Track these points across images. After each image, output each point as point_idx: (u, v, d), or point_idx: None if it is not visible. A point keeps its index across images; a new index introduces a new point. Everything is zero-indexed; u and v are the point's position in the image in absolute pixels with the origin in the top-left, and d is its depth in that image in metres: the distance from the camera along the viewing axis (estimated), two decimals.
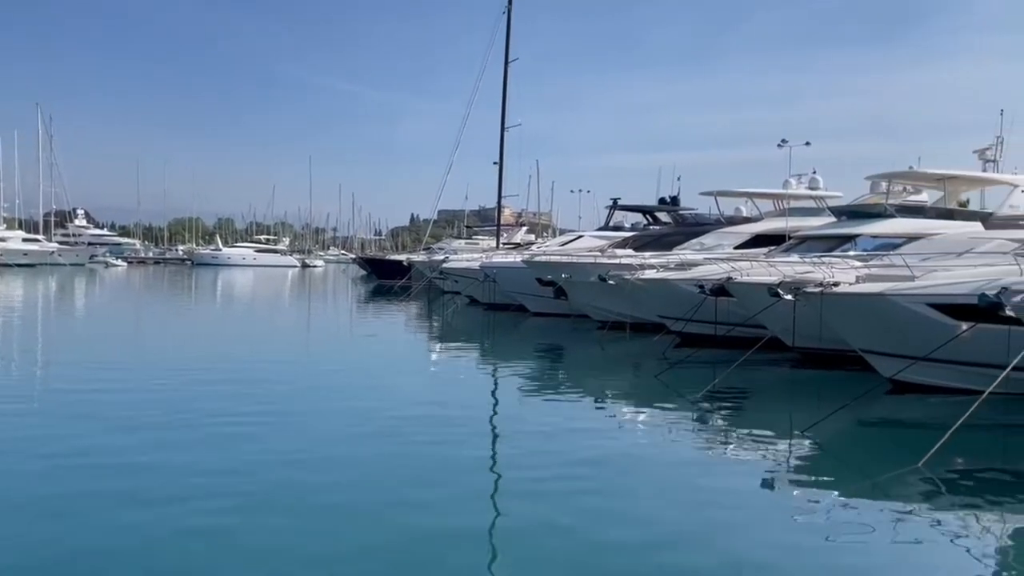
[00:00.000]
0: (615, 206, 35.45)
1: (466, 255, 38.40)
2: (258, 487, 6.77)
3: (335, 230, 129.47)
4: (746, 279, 14.60)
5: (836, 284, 11.83)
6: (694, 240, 25.17)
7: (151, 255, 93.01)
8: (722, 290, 14.82)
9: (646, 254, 22.55)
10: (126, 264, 77.76)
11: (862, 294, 11.75)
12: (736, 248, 22.92)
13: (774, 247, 20.96)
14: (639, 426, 10.17)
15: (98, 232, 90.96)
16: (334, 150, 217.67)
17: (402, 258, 49.61)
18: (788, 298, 12.11)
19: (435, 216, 52.97)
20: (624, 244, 27.48)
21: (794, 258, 16.18)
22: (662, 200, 36.76)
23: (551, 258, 25.04)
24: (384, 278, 49.85)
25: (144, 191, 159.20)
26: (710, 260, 18.40)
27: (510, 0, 39.88)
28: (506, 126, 40.84)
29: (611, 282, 18.91)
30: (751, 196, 29.41)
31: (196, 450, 7.95)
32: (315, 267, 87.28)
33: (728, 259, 17.40)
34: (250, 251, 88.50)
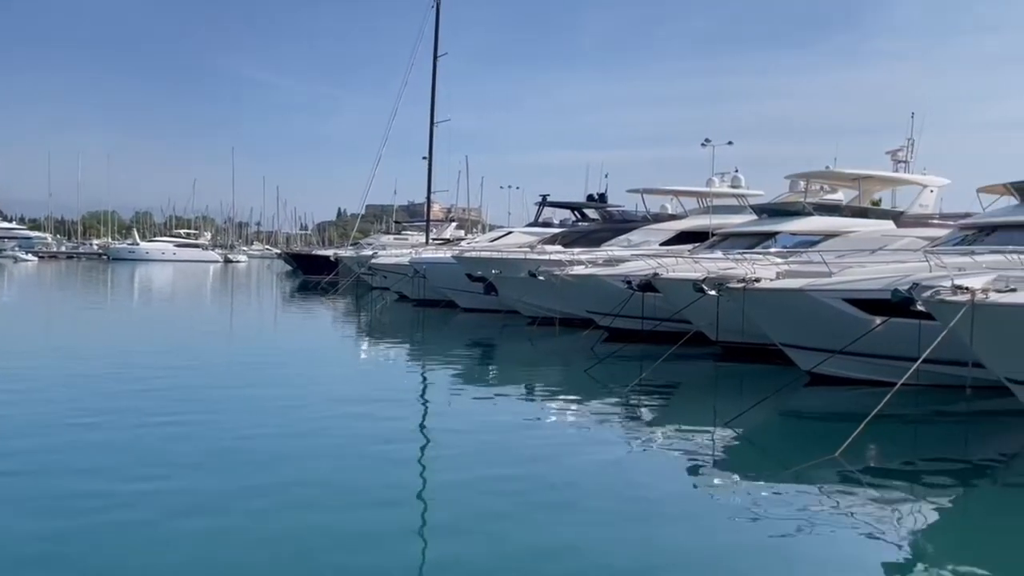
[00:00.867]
0: (544, 203, 35.70)
1: (395, 251, 38.02)
2: (177, 491, 6.56)
3: (259, 224, 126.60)
4: (671, 275, 14.88)
5: (757, 280, 12.16)
6: (621, 237, 25.55)
7: (64, 250, 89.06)
8: (648, 286, 15.07)
9: (575, 250, 22.76)
10: (37, 259, 74.26)
11: (782, 290, 12.12)
12: (662, 244, 23.35)
13: (698, 244, 21.46)
14: (568, 420, 10.25)
15: (6, 226, 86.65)
16: (258, 143, 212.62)
17: (329, 253, 48.82)
18: (712, 294, 12.39)
19: (363, 211, 52.12)
20: (553, 240, 27.69)
21: (717, 255, 16.57)
22: (590, 197, 37.22)
23: (481, 254, 25.02)
24: (310, 274, 48.96)
25: (56, 183, 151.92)
26: (637, 256, 18.68)
27: None
28: (435, 121, 40.68)
29: (541, 278, 19.01)
30: (676, 194, 30.03)
31: (108, 454, 7.64)
32: (238, 262, 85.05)
33: (654, 255, 17.71)
34: (170, 246, 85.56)
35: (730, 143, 28.14)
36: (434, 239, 43.67)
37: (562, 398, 11.80)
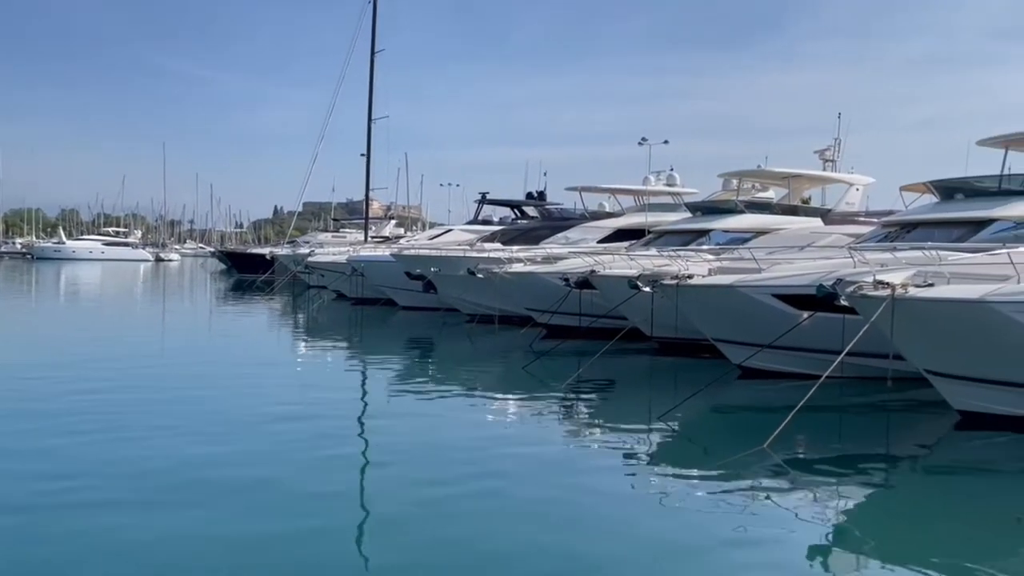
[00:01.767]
0: (484, 200, 35.73)
1: (333, 249, 37.53)
2: (112, 497, 6.38)
3: (192, 222, 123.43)
4: (608, 272, 15.08)
5: (690, 276, 12.42)
6: (560, 234, 25.74)
7: None
8: (586, 283, 15.25)
9: (514, 248, 22.84)
10: None
11: (713, 286, 12.41)
12: (599, 242, 23.61)
13: (635, 241, 21.79)
14: (506, 417, 10.32)
15: None
16: (192, 139, 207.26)
17: (264, 251, 47.93)
18: (646, 290, 12.62)
19: (300, 208, 51.41)
20: (493, 238, 27.75)
21: (653, 252, 16.85)
22: (529, 195, 37.41)
23: (420, 252, 24.93)
24: (245, 272, 47.98)
25: None
26: (575, 254, 18.86)
27: None
28: (373, 118, 40.25)
29: (480, 276, 19.05)
30: (613, 192, 30.39)
31: (28, 461, 7.39)
32: (170, 261, 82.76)
33: (592, 253, 17.90)
34: (98, 244, 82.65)
35: (666, 142, 28.63)
36: (373, 237, 43.25)
37: (500, 395, 11.86)
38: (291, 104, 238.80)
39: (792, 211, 21.37)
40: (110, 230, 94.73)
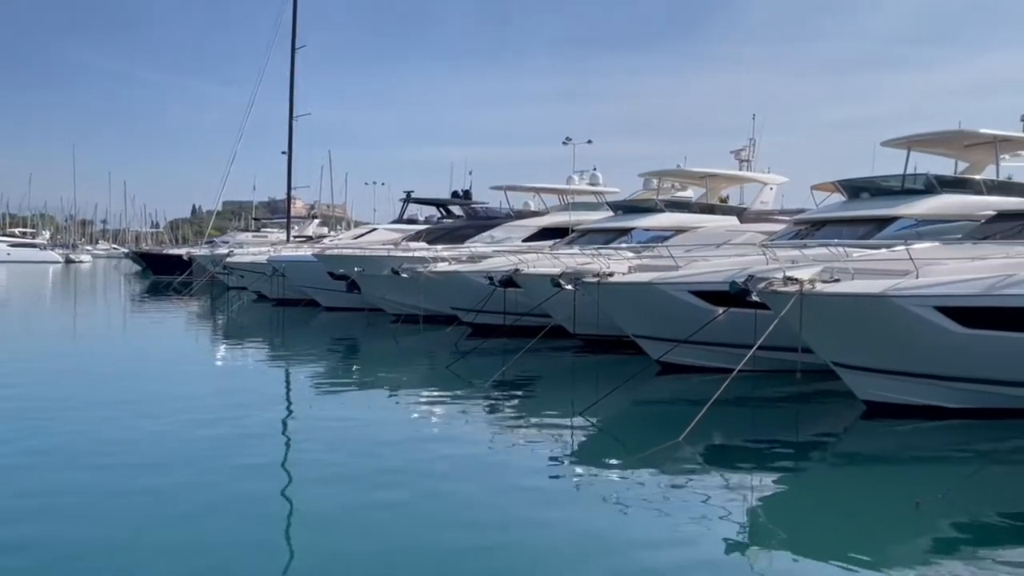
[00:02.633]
0: (409, 199, 35.51)
1: (253, 249, 36.70)
2: (18, 508, 6.12)
3: (104, 222, 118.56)
4: (532, 271, 15.22)
5: (611, 274, 12.64)
6: (485, 233, 25.80)
7: None
8: (510, 281, 15.36)
9: (439, 247, 22.79)
10: None
11: (633, 283, 12.67)
12: (524, 241, 23.77)
13: (558, 240, 22.02)
14: (432, 417, 10.32)
15: None
16: (103, 135, 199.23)
17: (182, 252, 46.55)
18: (569, 288, 12.80)
19: (219, 207, 50.05)
20: (418, 237, 27.60)
21: (575, 250, 17.08)
22: (455, 194, 37.37)
23: (343, 251, 24.63)
24: (161, 273, 46.47)
25: None
26: (499, 252, 18.95)
27: None
28: (295, 115, 39.52)
29: (404, 275, 18.95)
30: (538, 191, 30.64)
31: None
32: (81, 262, 79.41)
33: (516, 251, 18.03)
34: (3, 245, 78.68)
35: (589, 142, 29.07)
36: (295, 236, 42.46)
37: (425, 395, 11.84)
38: (210, 100, 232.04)
39: (710, 210, 21.97)
40: (16, 231, 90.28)
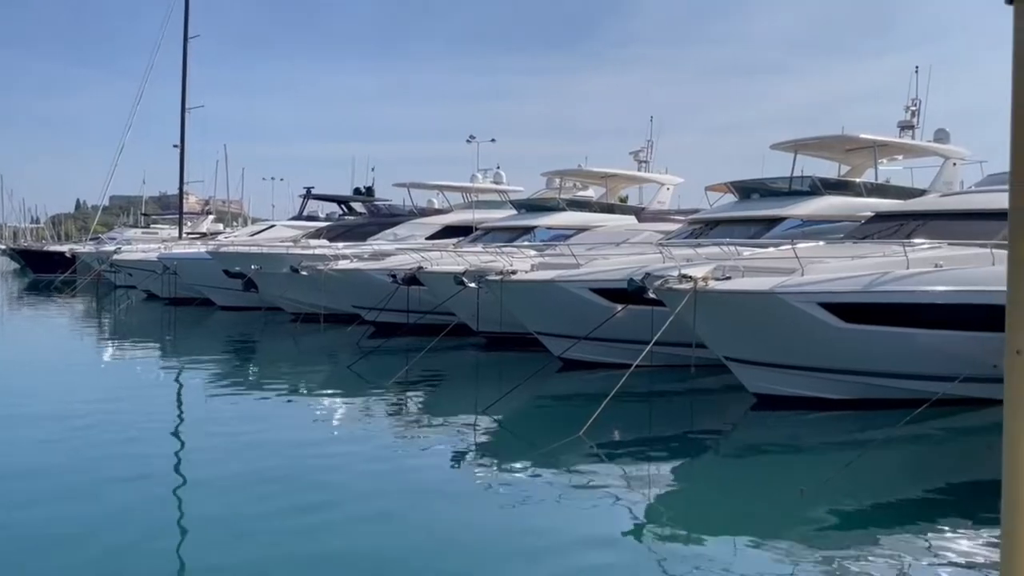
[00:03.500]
0: (309, 195, 34.76)
1: (143, 246, 35.11)
2: None
3: None
4: (435, 268, 15.17)
5: (514, 272, 12.75)
6: (388, 231, 25.53)
7: None
8: (413, 279, 15.26)
9: (340, 244, 22.42)
10: None
11: (536, 281, 12.82)
12: (427, 239, 23.65)
13: (462, 238, 22.02)
14: (333, 417, 10.15)
15: None
16: None
17: (64, 249, 44.02)
18: (472, 286, 12.82)
19: (106, 202, 47.80)
20: (318, 234, 27.05)
21: (479, 248, 17.12)
22: (357, 190, 36.82)
23: (240, 248, 23.88)
24: (42, 272, 43.82)
25: None
26: (402, 250, 18.81)
27: None
28: (187, 107, 38.01)
29: (304, 273, 18.53)
30: (441, 189, 30.54)
31: None
32: None
33: (419, 249, 17.93)
34: None
35: (493, 140, 29.24)
36: (189, 233, 40.89)
37: (326, 395, 11.63)
38: (97, 90, 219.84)
39: (609, 209, 22.44)
40: None
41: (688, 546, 5.79)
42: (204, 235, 40.24)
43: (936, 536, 5.84)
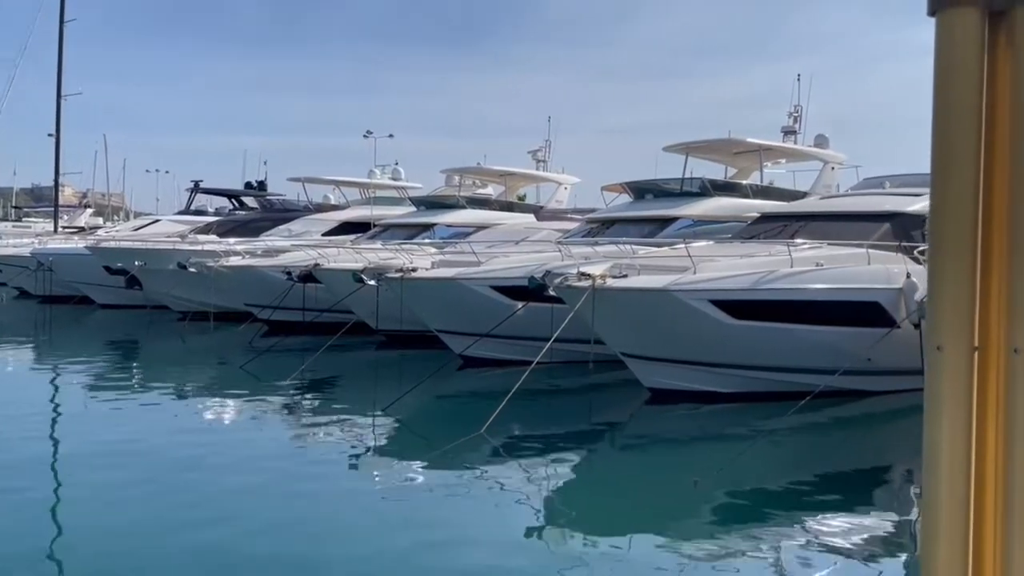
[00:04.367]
0: (197, 189, 33.37)
1: (14, 240, 32.85)
2: None
3: None
4: (332, 265, 14.87)
5: (414, 270, 12.65)
6: (282, 226, 24.81)
7: None
8: (310, 276, 14.91)
9: (231, 240, 21.67)
10: None
11: (436, 278, 12.76)
12: (324, 235, 23.14)
13: (360, 234, 21.66)
14: (224, 420, 9.80)
15: None
16: None
17: None
18: (371, 283, 12.63)
19: None
20: (207, 229, 26.00)
21: (378, 245, 16.90)
22: (248, 185, 35.63)
23: (121, 244, 22.72)
24: None
25: None
26: (297, 247, 18.34)
27: None
28: (63, 94, 35.87)
29: (192, 269, 17.80)
30: (338, 184, 29.93)
31: None
32: None
33: (316, 246, 17.53)
34: None
35: (391, 136, 28.90)
36: (65, 227, 38.55)
37: (217, 397, 11.21)
38: None
39: (509, 207, 22.58)
40: None
41: (587, 540, 5.89)
42: (82, 229, 38.03)
43: (822, 519, 6.17)
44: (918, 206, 11.30)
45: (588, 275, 9.48)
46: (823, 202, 13.85)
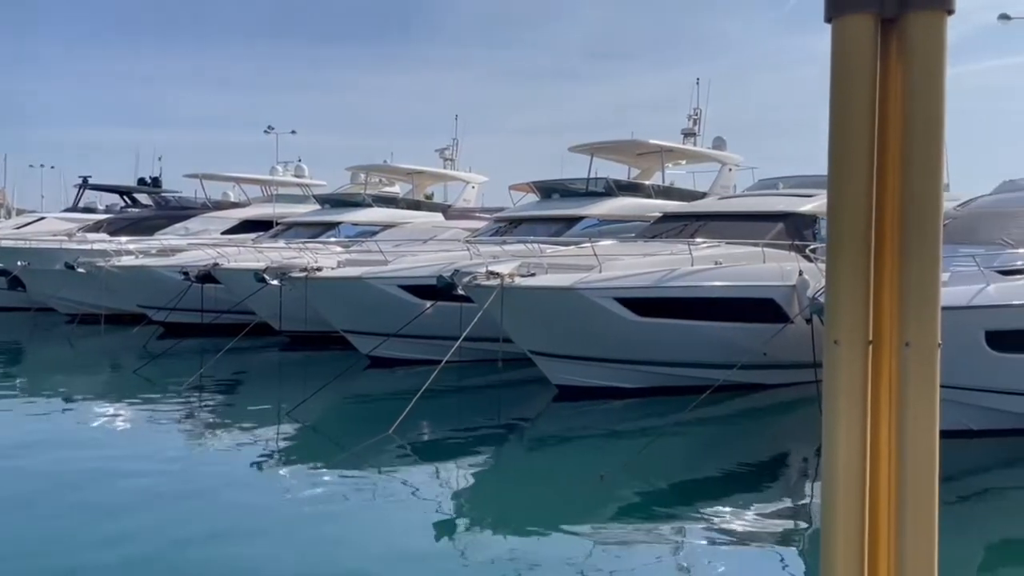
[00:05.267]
0: (85, 185, 31.71)
1: None
2: None
3: None
4: (233, 265, 14.43)
5: (319, 269, 12.39)
6: (178, 224, 23.88)
7: None
8: (208, 276, 14.42)
9: (123, 239, 20.71)
10: None
11: (342, 278, 12.53)
12: (224, 233, 22.40)
13: (262, 233, 21.08)
14: (117, 427, 9.36)
15: None
16: None
17: None
18: (274, 283, 12.31)
19: None
20: (97, 228, 24.76)
21: (281, 244, 16.49)
22: (142, 181, 34.07)
23: (3, 243, 21.39)
24: None
25: None
26: (195, 245, 17.70)
27: None
28: None
29: (81, 270, 16.91)
30: (238, 181, 29.02)
31: None
32: None
33: (215, 244, 16.97)
34: None
35: (293, 132, 28.22)
36: None
37: (109, 403, 10.68)
38: None
39: (416, 206, 22.42)
40: None
41: (496, 536, 5.91)
42: None
43: (724, 509, 6.38)
44: (809, 206, 11.85)
45: (496, 274, 9.50)
46: (721, 202, 14.33)
